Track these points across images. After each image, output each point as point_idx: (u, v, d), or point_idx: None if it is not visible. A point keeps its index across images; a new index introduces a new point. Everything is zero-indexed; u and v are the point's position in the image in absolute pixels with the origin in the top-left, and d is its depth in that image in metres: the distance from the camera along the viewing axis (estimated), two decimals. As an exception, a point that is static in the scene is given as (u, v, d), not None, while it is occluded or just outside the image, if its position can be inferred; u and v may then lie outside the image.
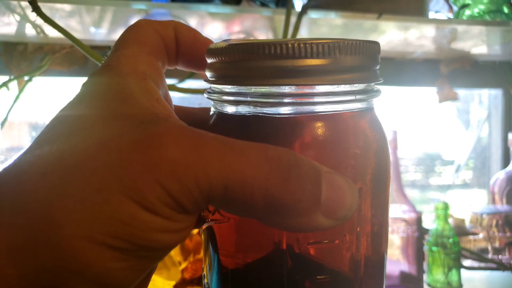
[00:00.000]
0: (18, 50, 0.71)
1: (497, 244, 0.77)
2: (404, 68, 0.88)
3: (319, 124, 0.16)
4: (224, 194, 0.14)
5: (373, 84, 0.17)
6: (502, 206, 0.82)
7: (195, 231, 0.55)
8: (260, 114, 0.16)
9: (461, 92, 0.92)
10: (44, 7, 0.47)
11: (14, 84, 0.71)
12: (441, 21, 0.66)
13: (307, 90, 0.15)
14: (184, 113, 0.20)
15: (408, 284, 0.67)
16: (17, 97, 0.71)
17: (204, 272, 0.19)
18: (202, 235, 0.19)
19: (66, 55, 0.72)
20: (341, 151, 0.16)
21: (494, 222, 0.77)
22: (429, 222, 0.78)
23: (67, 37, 0.47)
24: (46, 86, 0.80)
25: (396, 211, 0.67)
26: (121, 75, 0.16)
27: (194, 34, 0.20)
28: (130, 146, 0.14)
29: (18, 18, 0.61)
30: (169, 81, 0.69)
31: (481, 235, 0.78)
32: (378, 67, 0.17)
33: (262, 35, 0.72)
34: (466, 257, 0.75)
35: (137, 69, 0.17)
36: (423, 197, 1.09)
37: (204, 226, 0.19)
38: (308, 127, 0.16)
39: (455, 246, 0.69)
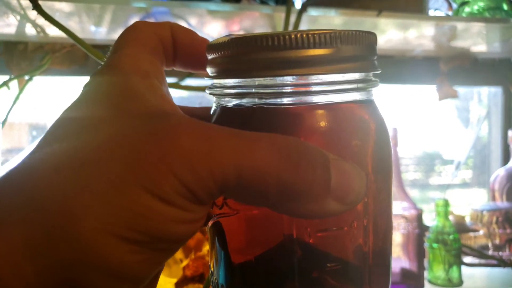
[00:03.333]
0: (19, 49, 0.71)
1: (497, 241, 0.77)
2: (404, 66, 0.88)
3: (322, 113, 0.16)
4: (237, 183, 0.14)
5: (371, 74, 0.18)
6: (502, 203, 0.82)
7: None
8: (265, 106, 0.16)
9: (461, 90, 0.92)
10: (43, 6, 0.47)
11: (14, 84, 0.71)
12: (440, 18, 0.66)
13: (310, 80, 0.16)
14: (184, 112, 0.20)
15: (409, 281, 0.67)
16: (18, 97, 0.71)
17: (212, 269, 0.19)
18: (209, 232, 0.19)
19: (66, 54, 0.72)
20: (344, 140, 0.16)
21: (494, 219, 0.77)
22: (429, 221, 0.78)
23: (68, 35, 0.47)
24: (47, 85, 0.80)
25: (397, 208, 0.67)
26: (125, 74, 0.16)
27: (191, 34, 0.20)
28: (143, 139, 0.14)
29: (18, 17, 0.61)
30: (170, 80, 0.69)
31: (481, 232, 0.78)
32: (376, 57, 0.18)
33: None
34: (467, 254, 0.75)
35: (139, 68, 0.17)
36: (423, 196, 1.09)
37: (210, 222, 0.19)
38: (311, 116, 0.16)
39: (455, 242, 0.69)
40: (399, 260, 0.67)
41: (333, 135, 0.16)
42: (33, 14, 0.47)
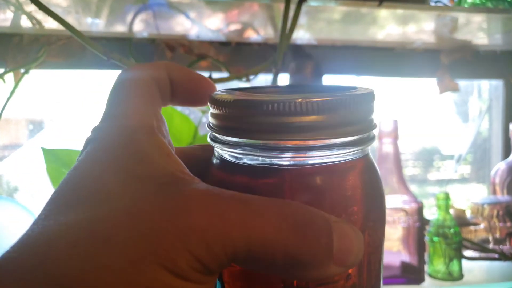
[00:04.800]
0: (14, 42, 0.70)
1: (497, 235, 0.77)
2: (404, 59, 0.87)
3: (322, 173, 0.17)
4: (247, 254, 0.15)
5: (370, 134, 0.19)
6: (503, 197, 0.81)
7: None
8: (268, 166, 0.17)
9: (462, 83, 0.91)
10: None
11: (10, 77, 0.70)
12: (442, 8, 0.65)
13: (313, 143, 0.16)
14: (183, 154, 0.20)
15: (409, 275, 0.66)
16: (14, 90, 0.70)
17: None
18: None
19: (62, 46, 0.71)
20: (342, 199, 0.17)
21: (495, 213, 0.76)
22: (428, 216, 0.77)
23: (65, 27, 0.46)
24: (43, 79, 0.79)
25: (397, 201, 0.66)
26: (131, 131, 0.17)
27: (187, 72, 0.20)
28: (159, 215, 0.14)
29: (13, 9, 0.60)
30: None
31: (482, 226, 0.77)
32: (374, 115, 0.19)
33: (261, 24, 0.71)
34: (467, 248, 0.75)
35: (144, 123, 0.17)
36: (422, 192, 1.08)
37: None
38: (312, 176, 0.17)
39: (456, 236, 0.68)
40: (399, 254, 0.66)
41: (334, 194, 0.17)
42: (28, 6, 0.46)
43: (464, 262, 0.72)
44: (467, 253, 0.75)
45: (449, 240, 0.68)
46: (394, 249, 0.66)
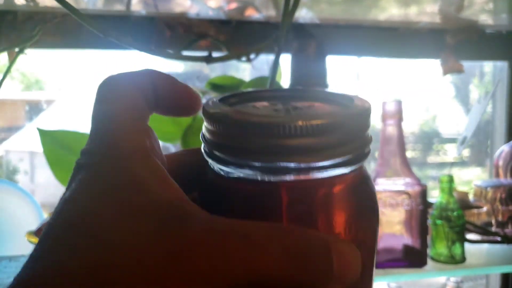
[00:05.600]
0: (7, 19, 0.68)
1: (500, 218, 0.76)
2: (408, 39, 0.86)
3: (320, 188, 0.17)
4: (248, 287, 0.15)
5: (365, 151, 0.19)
6: (506, 180, 0.81)
7: None
8: (265, 181, 0.17)
9: (466, 64, 0.89)
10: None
11: (4, 57, 0.69)
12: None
13: (308, 165, 0.17)
14: (172, 161, 0.20)
15: (411, 258, 0.66)
16: (8, 70, 0.69)
17: None
18: None
19: (58, 24, 0.69)
20: (341, 213, 0.17)
21: (498, 196, 0.76)
22: (430, 200, 0.76)
23: (60, 3, 0.44)
24: (39, 58, 0.78)
25: (400, 184, 0.65)
26: (124, 156, 0.16)
27: (172, 81, 0.20)
28: (164, 260, 0.14)
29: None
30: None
31: (484, 209, 0.77)
32: (369, 129, 0.19)
33: (263, 2, 0.69)
34: (470, 231, 0.74)
35: (137, 145, 0.17)
36: (421, 175, 1.08)
37: None
38: (309, 192, 0.17)
39: (459, 219, 0.68)
40: (402, 237, 0.66)
41: (330, 210, 0.17)
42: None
43: (467, 245, 0.71)
44: (470, 236, 0.75)
45: (452, 223, 0.67)
46: (397, 232, 0.66)
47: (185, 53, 0.61)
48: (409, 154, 1.07)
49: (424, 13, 0.71)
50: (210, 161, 0.18)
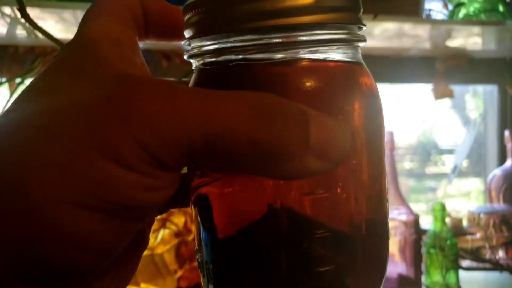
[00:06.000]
0: (9, 52, 0.70)
1: (494, 244, 0.77)
2: (400, 66, 0.88)
3: (306, 71, 0.15)
4: (204, 146, 0.13)
5: (357, 31, 0.17)
6: (499, 205, 0.82)
7: (194, 228, 0.55)
8: (241, 63, 0.15)
9: (457, 89, 0.91)
10: (33, 11, 0.46)
11: (5, 88, 0.70)
12: (436, 22, 0.66)
13: (290, 32, 0.15)
14: None
15: (406, 287, 0.66)
16: (9, 101, 0.70)
17: (196, 247, 0.18)
18: (192, 208, 0.18)
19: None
20: (330, 100, 0.15)
21: (491, 222, 0.77)
22: (425, 215, 0.77)
23: (56, 43, 0.46)
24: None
25: (393, 213, 0.66)
26: (95, 42, 0.16)
27: (161, 3, 0.19)
28: (102, 102, 0.13)
29: (8, 20, 0.59)
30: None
31: (478, 235, 0.78)
32: (361, 12, 0.17)
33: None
34: (464, 258, 0.75)
35: (110, 36, 0.16)
36: (421, 186, 1.09)
37: (193, 197, 0.17)
38: (293, 74, 0.15)
39: (453, 247, 0.68)
40: (396, 265, 0.67)
41: (316, 95, 0.15)
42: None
43: (461, 272, 0.72)
44: (464, 263, 0.75)
45: (446, 252, 0.68)
46: (391, 261, 0.66)
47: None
48: (407, 165, 1.08)
49: (418, 38, 0.73)
50: (191, 55, 0.17)
